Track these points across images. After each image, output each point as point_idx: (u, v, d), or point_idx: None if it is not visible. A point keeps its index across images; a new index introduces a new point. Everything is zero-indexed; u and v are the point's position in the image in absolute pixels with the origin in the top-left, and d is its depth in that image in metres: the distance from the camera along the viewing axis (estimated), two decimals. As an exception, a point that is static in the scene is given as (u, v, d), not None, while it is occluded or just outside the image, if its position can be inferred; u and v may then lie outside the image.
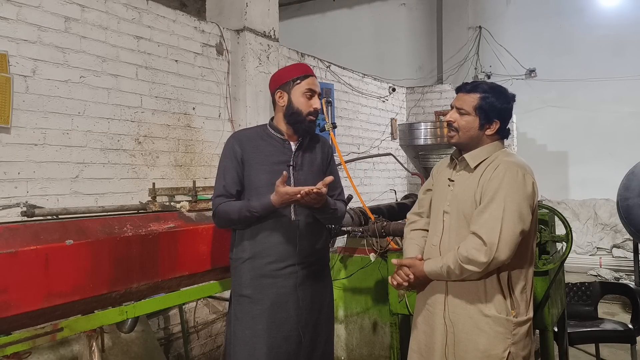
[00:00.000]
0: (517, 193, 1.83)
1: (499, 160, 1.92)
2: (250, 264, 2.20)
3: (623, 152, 6.98)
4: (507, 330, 1.86)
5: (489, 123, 1.94)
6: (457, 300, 1.92)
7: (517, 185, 1.84)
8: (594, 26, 7.64)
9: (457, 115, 1.96)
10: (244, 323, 2.19)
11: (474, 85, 1.98)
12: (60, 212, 2.65)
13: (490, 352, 1.85)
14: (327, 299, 2.35)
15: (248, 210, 2.13)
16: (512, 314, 1.87)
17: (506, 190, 1.82)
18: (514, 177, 1.84)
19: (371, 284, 3.50)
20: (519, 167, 1.87)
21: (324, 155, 2.37)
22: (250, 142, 2.25)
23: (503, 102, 1.94)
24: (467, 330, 1.89)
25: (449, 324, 1.93)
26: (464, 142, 1.97)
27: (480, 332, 1.87)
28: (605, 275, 6.74)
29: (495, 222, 1.79)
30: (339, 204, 2.36)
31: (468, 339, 1.89)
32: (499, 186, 1.84)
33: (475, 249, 1.80)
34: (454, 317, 1.92)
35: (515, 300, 1.89)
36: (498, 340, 1.85)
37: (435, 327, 1.97)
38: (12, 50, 2.66)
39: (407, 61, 8.78)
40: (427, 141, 6.59)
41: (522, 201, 1.83)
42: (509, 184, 1.83)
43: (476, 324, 1.88)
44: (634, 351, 3.45)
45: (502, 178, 1.85)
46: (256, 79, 4.12)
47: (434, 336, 1.97)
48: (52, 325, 1.92)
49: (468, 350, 1.89)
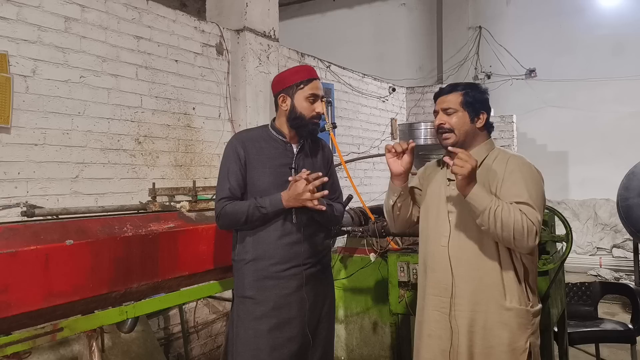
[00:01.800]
0: (537, 184, 1.90)
1: (504, 155, 1.98)
2: (253, 266, 2.20)
3: (623, 152, 6.97)
4: (527, 321, 1.90)
5: (477, 115, 1.98)
6: (472, 300, 1.91)
7: (538, 178, 1.92)
8: (594, 26, 7.64)
9: (445, 117, 1.98)
10: (246, 324, 2.19)
11: (451, 86, 2.04)
12: (60, 212, 2.65)
13: (514, 345, 1.88)
14: (329, 300, 2.36)
15: (257, 208, 2.13)
16: (529, 305, 1.92)
17: (532, 182, 1.88)
18: (532, 170, 1.93)
19: (371, 284, 3.50)
20: (528, 161, 1.96)
21: (325, 158, 2.39)
22: (252, 144, 2.25)
23: (483, 94, 2.01)
24: (489, 327, 1.89)
25: (462, 324, 1.91)
26: (461, 140, 1.97)
27: (503, 326, 1.88)
28: (605, 275, 6.74)
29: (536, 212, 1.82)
30: (337, 205, 2.38)
31: (492, 335, 1.89)
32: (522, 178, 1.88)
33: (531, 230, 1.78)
34: (472, 317, 1.91)
35: (530, 291, 1.94)
36: (520, 332, 1.89)
37: (443, 332, 1.95)
38: (12, 50, 2.66)
39: (407, 61, 8.77)
40: (427, 141, 6.60)
41: (541, 191, 1.91)
42: (531, 176, 1.90)
43: (499, 319, 1.88)
44: (634, 351, 3.46)
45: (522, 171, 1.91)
46: (256, 79, 4.12)
47: (441, 341, 1.95)
48: (52, 325, 1.92)
49: (493, 345, 1.88)
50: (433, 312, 2.01)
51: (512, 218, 1.76)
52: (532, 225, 1.78)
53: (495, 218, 1.77)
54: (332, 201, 2.36)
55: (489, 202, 1.78)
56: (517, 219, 1.76)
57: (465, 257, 1.93)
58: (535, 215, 1.80)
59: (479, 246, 1.91)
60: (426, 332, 2.03)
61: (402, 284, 2.82)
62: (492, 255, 1.90)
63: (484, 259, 1.90)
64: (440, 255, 1.98)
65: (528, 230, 1.77)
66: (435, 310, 2.00)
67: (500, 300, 1.88)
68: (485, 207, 1.78)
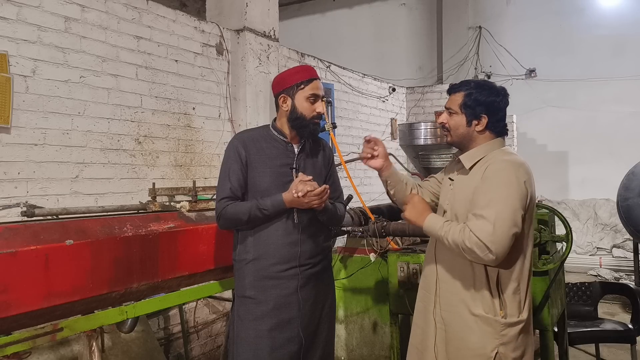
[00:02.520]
0: (509, 194, 1.78)
1: (493, 159, 1.89)
2: (254, 266, 2.20)
3: (623, 152, 6.98)
4: (495, 331, 1.85)
5: (476, 119, 1.93)
6: (448, 299, 1.94)
7: (510, 186, 1.80)
8: (594, 26, 7.64)
9: (447, 116, 2.01)
10: (247, 324, 2.19)
11: (460, 83, 2.01)
12: (60, 212, 2.65)
13: (479, 351, 1.86)
14: (329, 300, 2.36)
15: (259, 208, 2.14)
16: (501, 314, 1.85)
17: (499, 191, 1.79)
18: (507, 176, 1.81)
19: (371, 284, 3.50)
20: (512, 166, 1.84)
21: (325, 158, 2.39)
22: (254, 144, 2.25)
23: (489, 96, 1.92)
24: (458, 329, 1.91)
25: (440, 321, 1.96)
26: (456, 141, 2.00)
27: (470, 331, 1.88)
28: (605, 275, 6.74)
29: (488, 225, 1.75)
30: (339, 205, 2.39)
31: (460, 337, 1.90)
32: (490, 186, 1.81)
33: (477, 246, 1.75)
34: (445, 315, 1.94)
35: (504, 301, 1.87)
36: (486, 340, 1.85)
37: (429, 324, 2.00)
38: (12, 50, 2.66)
39: (407, 61, 8.77)
40: (427, 141, 6.60)
41: (515, 201, 1.78)
42: (502, 184, 1.80)
43: (466, 323, 1.89)
44: (634, 351, 3.45)
45: (494, 178, 1.82)
46: (256, 79, 4.12)
47: (427, 332, 2.00)
48: (52, 325, 1.92)
49: (460, 348, 1.90)
50: (419, 303, 2.10)
51: (459, 241, 1.79)
52: (478, 242, 1.73)
53: (449, 244, 1.83)
54: (334, 201, 2.36)
55: (437, 232, 1.88)
56: (461, 240, 1.77)
57: (447, 258, 1.97)
58: (484, 229, 1.73)
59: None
60: (414, 320, 2.12)
61: (402, 284, 2.82)
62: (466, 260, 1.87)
63: (460, 262, 1.91)
64: (430, 251, 2.06)
65: (474, 250, 1.75)
66: (421, 302, 2.09)
67: (470, 304, 1.88)
68: (438, 237, 1.89)
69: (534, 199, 1.91)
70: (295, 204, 2.14)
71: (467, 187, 1.93)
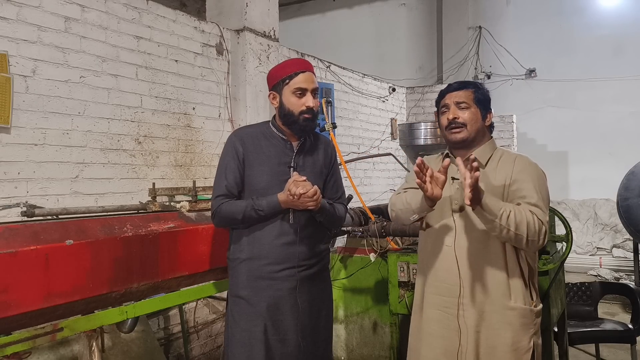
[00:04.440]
0: (544, 185, 1.92)
1: (509, 154, 2.01)
2: (248, 265, 2.17)
3: (623, 152, 6.97)
4: (530, 321, 1.91)
5: (487, 113, 2.01)
6: (478, 300, 1.90)
7: (542, 177, 1.93)
8: (594, 26, 7.64)
9: (459, 111, 1.95)
10: (240, 324, 2.16)
11: (461, 83, 2.05)
12: (60, 212, 2.65)
13: (517, 345, 1.88)
14: (326, 302, 2.30)
15: (254, 209, 2.10)
16: (533, 304, 1.93)
17: (542, 185, 1.91)
18: (541, 172, 1.95)
19: (371, 284, 3.50)
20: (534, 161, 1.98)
21: (327, 157, 2.32)
22: (252, 141, 2.21)
23: (488, 94, 2.04)
24: (493, 327, 1.89)
25: (470, 324, 1.90)
26: (472, 136, 1.95)
27: (507, 326, 1.88)
28: (605, 275, 6.74)
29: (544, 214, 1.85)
30: (339, 206, 2.33)
31: (496, 334, 1.88)
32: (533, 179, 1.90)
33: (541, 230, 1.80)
34: (475, 316, 1.90)
35: (533, 290, 1.95)
36: (524, 332, 1.89)
37: (452, 330, 1.93)
38: (12, 50, 2.66)
39: (407, 61, 8.77)
40: (427, 141, 6.60)
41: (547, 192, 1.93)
42: (542, 178, 1.92)
43: (502, 319, 1.88)
44: (634, 351, 3.45)
45: (533, 172, 1.93)
46: (256, 79, 4.12)
47: (453, 340, 1.93)
48: (52, 325, 1.92)
49: (496, 346, 1.88)
50: (434, 311, 1.99)
51: (525, 221, 1.76)
52: (542, 226, 1.81)
53: (508, 223, 1.73)
54: (334, 201, 2.31)
55: (498, 210, 1.73)
56: (529, 221, 1.77)
57: (472, 258, 1.92)
58: (544, 216, 1.83)
59: (484, 246, 1.90)
60: (427, 330, 2.01)
61: (402, 284, 2.82)
62: (498, 255, 1.90)
63: (489, 259, 1.90)
64: (445, 255, 1.96)
65: (539, 231, 1.79)
66: (437, 310, 1.98)
67: (505, 299, 1.89)
68: (496, 215, 1.73)
69: None
70: (290, 205, 2.09)
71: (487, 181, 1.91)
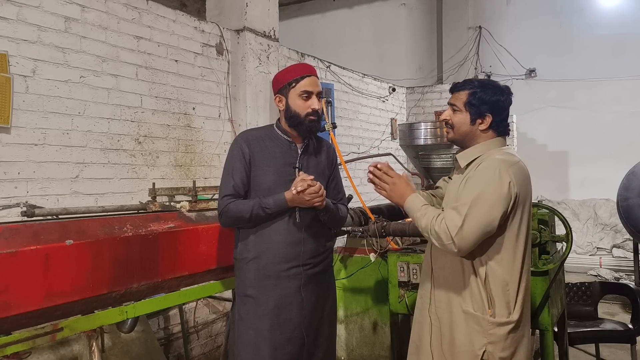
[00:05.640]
0: (487, 192, 1.79)
1: (487, 158, 1.89)
2: (255, 264, 2.21)
3: (623, 152, 6.97)
4: (483, 329, 1.84)
5: (480, 117, 1.92)
6: (441, 295, 1.96)
7: (490, 184, 1.80)
8: (594, 26, 7.64)
9: (451, 113, 1.99)
10: (248, 323, 2.20)
11: (465, 82, 2.01)
12: (60, 212, 2.64)
13: (467, 348, 1.86)
14: (330, 300, 2.36)
15: (261, 207, 2.14)
16: (489, 313, 1.84)
17: (478, 189, 1.80)
18: (491, 175, 1.81)
19: (371, 284, 3.50)
20: (500, 165, 1.82)
21: (329, 159, 2.40)
22: (257, 142, 2.26)
23: (493, 95, 1.92)
24: (448, 325, 1.92)
25: (435, 318, 1.97)
26: (458, 138, 1.99)
27: (459, 328, 1.89)
28: (605, 275, 6.73)
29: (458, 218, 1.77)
30: (341, 207, 2.39)
31: (450, 333, 1.91)
32: (472, 183, 1.83)
33: (444, 233, 1.78)
34: (438, 312, 1.96)
35: (492, 299, 1.85)
36: (475, 337, 1.85)
37: (424, 321, 2.01)
38: (12, 50, 2.66)
39: (407, 61, 8.77)
40: (427, 141, 6.59)
41: (492, 201, 1.78)
42: (483, 182, 1.81)
43: (456, 319, 1.90)
44: (634, 351, 3.45)
45: (478, 175, 1.84)
46: (256, 79, 4.12)
47: (423, 329, 2.02)
48: (52, 325, 1.92)
49: (451, 344, 1.91)
50: (418, 300, 2.11)
51: (428, 225, 1.82)
52: (446, 231, 1.76)
53: (418, 225, 1.88)
54: (337, 202, 2.38)
55: (415, 212, 1.89)
56: (431, 225, 1.81)
57: (440, 255, 1.98)
58: (454, 220, 1.76)
59: None
60: (414, 317, 2.14)
61: (402, 284, 2.82)
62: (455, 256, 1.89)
63: (450, 259, 1.92)
64: (427, 248, 2.08)
65: (441, 236, 1.78)
66: (419, 299, 2.10)
67: (460, 301, 1.90)
68: (415, 218, 1.90)
69: (524, 199, 1.86)
70: (296, 203, 2.14)
71: (456, 187, 1.94)
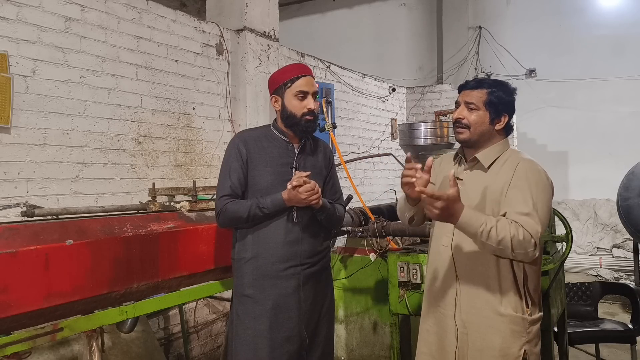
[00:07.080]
0: (544, 192, 1.84)
1: (515, 158, 1.91)
2: (253, 264, 2.21)
3: (623, 152, 6.97)
4: (523, 329, 1.86)
5: (498, 117, 1.92)
6: (471, 301, 1.90)
7: (547, 188, 1.86)
8: (594, 26, 7.64)
9: (466, 112, 1.92)
10: (246, 323, 2.20)
11: (478, 81, 1.96)
12: (60, 212, 2.65)
13: (506, 352, 1.85)
14: (328, 300, 2.37)
15: (259, 207, 2.15)
16: (527, 312, 1.88)
17: (540, 193, 1.83)
18: (544, 179, 1.87)
19: (371, 284, 3.50)
20: (541, 168, 1.90)
21: (326, 159, 2.40)
22: (255, 142, 2.26)
23: (509, 96, 1.94)
24: (482, 331, 1.88)
25: (461, 325, 1.91)
26: (475, 138, 1.93)
27: (495, 332, 1.86)
28: (605, 275, 6.74)
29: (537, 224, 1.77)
30: (338, 206, 2.40)
31: (483, 339, 1.87)
32: (530, 186, 1.83)
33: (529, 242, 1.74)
34: (467, 318, 1.90)
35: (530, 298, 1.90)
36: (514, 339, 1.85)
37: (448, 330, 1.94)
38: (12, 50, 2.66)
39: (407, 61, 8.77)
40: (427, 141, 6.60)
41: (550, 204, 1.87)
42: (541, 186, 1.85)
43: (491, 324, 1.87)
44: (634, 351, 3.46)
45: (532, 178, 1.85)
46: (256, 79, 4.12)
47: (446, 338, 1.95)
48: (52, 325, 1.92)
49: (483, 350, 1.87)
50: (432, 309, 2.02)
51: (508, 236, 1.71)
52: (530, 239, 1.73)
53: (489, 240, 1.72)
54: (334, 202, 2.37)
55: (478, 228, 1.71)
56: (513, 235, 1.71)
57: (466, 259, 1.92)
58: (534, 227, 1.75)
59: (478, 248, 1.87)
60: (424, 327, 2.06)
61: (402, 284, 2.82)
62: (491, 259, 1.87)
63: (482, 263, 1.88)
64: (443, 254, 1.98)
65: (525, 244, 1.73)
66: (434, 308, 2.01)
67: (496, 305, 1.87)
68: (475, 233, 1.73)
69: None
70: (293, 202, 2.14)
71: (488, 184, 1.90)
